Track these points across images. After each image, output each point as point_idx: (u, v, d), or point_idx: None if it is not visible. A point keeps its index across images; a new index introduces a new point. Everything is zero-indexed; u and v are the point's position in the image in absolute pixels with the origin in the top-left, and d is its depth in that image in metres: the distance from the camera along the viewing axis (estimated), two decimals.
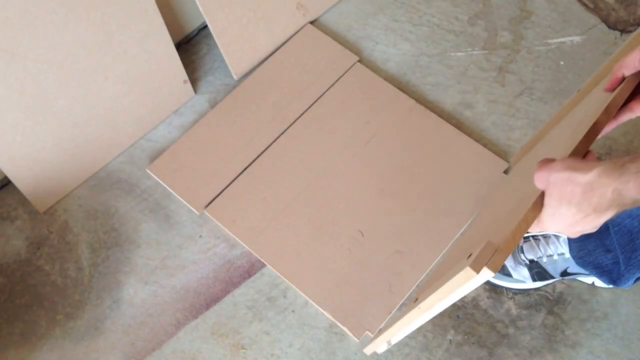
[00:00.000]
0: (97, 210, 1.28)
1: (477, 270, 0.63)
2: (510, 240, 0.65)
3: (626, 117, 0.76)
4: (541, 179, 0.65)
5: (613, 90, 0.75)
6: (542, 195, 0.66)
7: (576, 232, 0.67)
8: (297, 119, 1.35)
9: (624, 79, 0.75)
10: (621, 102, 0.73)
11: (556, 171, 0.64)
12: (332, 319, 1.15)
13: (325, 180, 1.28)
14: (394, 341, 1.03)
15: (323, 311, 1.16)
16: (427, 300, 0.76)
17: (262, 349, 1.15)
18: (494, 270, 0.63)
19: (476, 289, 1.18)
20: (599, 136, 0.74)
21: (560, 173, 0.63)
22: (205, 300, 1.20)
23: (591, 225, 0.64)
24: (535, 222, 0.68)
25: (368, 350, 1.09)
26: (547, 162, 0.66)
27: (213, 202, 1.26)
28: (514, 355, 1.13)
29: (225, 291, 1.20)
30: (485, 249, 0.64)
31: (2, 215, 1.27)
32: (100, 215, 1.27)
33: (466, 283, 0.68)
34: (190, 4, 1.35)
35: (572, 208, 0.63)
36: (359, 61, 1.43)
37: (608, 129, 0.76)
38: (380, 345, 1.07)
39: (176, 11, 1.36)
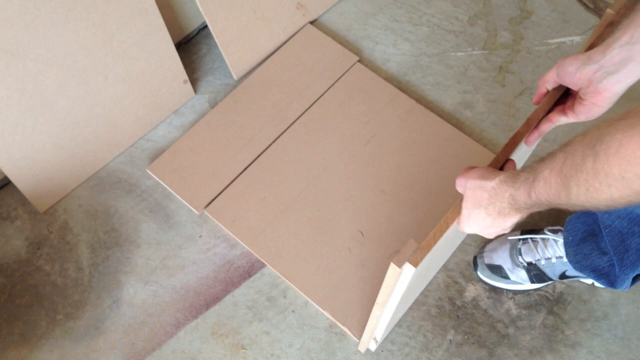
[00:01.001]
0: (97, 210, 1.28)
1: (400, 265, 0.71)
2: (430, 239, 0.72)
3: (546, 126, 0.82)
4: (460, 184, 0.74)
5: (537, 104, 0.82)
6: (461, 199, 0.74)
7: (490, 234, 0.75)
8: (297, 119, 1.35)
9: (548, 93, 0.81)
10: (541, 115, 0.79)
11: (471, 178, 0.72)
12: (332, 319, 1.15)
13: (325, 180, 1.28)
14: (379, 337, 1.04)
15: (323, 311, 1.16)
16: (379, 296, 0.83)
17: (262, 349, 1.15)
18: (414, 265, 0.70)
19: (476, 289, 1.18)
20: (530, 146, 0.82)
21: (474, 180, 0.72)
22: (205, 300, 1.20)
23: (500, 227, 0.73)
24: (457, 223, 0.76)
25: (362, 348, 1.11)
26: (468, 169, 0.74)
27: (213, 202, 1.26)
28: (514, 355, 1.13)
29: (225, 291, 1.20)
30: (407, 247, 0.71)
31: (2, 215, 1.27)
32: (100, 215, 1.27)
33: (394, 277, 0.74)
34: (190, 4, 1.35)
35: (482, 211, 0.71)
36: (359, 61, 1.43)
37: (533, 139, 0.82)
38: (369, 343, 1.08)
39: (176, 11, 1.36)
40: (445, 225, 0.73)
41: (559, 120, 0.80)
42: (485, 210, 0.71)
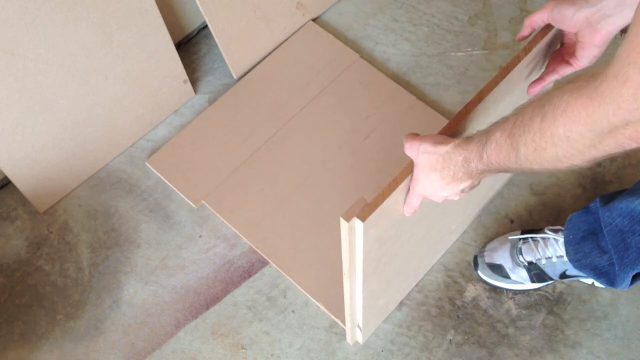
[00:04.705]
0: (97, 210, 1.28)
1: (348, 219, 0.73)
2: (379, 196, 0.74)
3: (551, 78, 0.87)
4: (412, 148, 0.76)
5: (522, 40, 0.86)
6: (412, 163, 0.77)
7: (441, 197, 0.78)
8: (297, 113, 1.35)
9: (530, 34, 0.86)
10: (511, 67, 0.82)
11: (425, 143, 0.75)
12: (326, 311, 1.15)
13: (324, 174, 1.28)
14: (361, 323, 1.03)
15: (318, 303, 1.16)
16: (343, 264, 0.84)
17: (262, 349, 1.15)
18: (362, 220, 0.72)
19: (476, 289, 1.18)
20: (531, 95, 0.86)
21: (429, 145, 0.75)
22: (205, 300, 1.20)
23: (453, 191, 0.76)
24: (410, 186, 0.78)
25: (350, 340, 1.12)
26: (416, 135, 0.77)
27: (211, 194, 1.26)
28: (514, 355, 1.13)
29: (225, 291, 1.20)
30: (356, 203, 0.73)
31: (2, 215, 1.27)
32: (100, 215, 1.27)
33: (346, 235, 0.76)
34: (190, 4, 1.35)
35: (437, 175, 0.74)
36: (359, 57, 1.43)
37: (535, 89, 0.87)
38: (355, 332, 1.08)
39: (176, 11, 1.36)
40: (395, 185, 0.75)
41: (565, 71, 0.85)
42: (440, 174, 0.74)
